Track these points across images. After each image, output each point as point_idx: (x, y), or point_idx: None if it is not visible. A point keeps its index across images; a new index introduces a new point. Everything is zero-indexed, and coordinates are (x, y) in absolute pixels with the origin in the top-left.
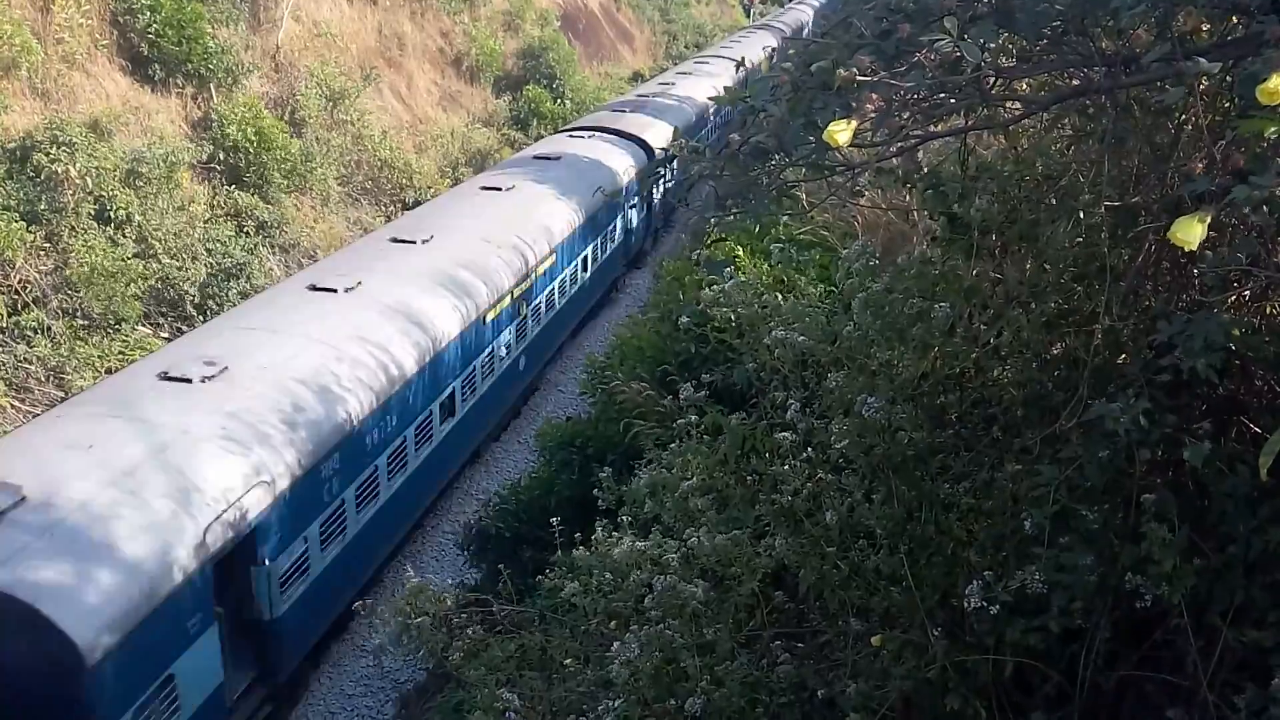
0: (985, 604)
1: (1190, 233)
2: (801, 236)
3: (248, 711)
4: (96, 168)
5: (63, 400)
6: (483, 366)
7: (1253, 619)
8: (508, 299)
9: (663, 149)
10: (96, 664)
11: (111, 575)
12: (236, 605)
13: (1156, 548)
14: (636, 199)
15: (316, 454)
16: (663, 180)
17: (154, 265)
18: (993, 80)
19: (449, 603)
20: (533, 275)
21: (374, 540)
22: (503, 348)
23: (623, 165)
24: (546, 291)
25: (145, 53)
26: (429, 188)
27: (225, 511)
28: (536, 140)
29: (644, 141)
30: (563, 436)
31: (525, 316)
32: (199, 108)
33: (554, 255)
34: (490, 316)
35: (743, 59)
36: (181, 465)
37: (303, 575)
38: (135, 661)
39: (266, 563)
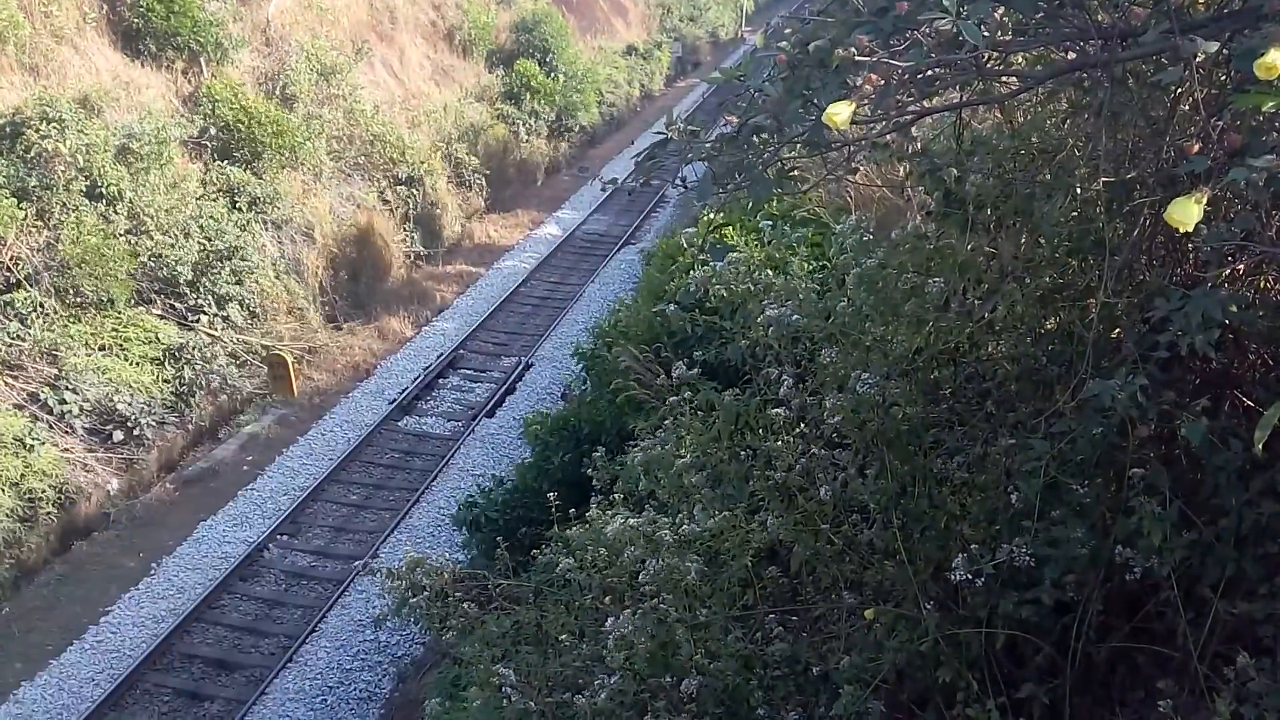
0: (974, 577)
1: (1186, 213)
2: (795, 213)
3: None
4: (87, 144)
5: (56, 378)
6: None
7: (1244, 591)
8: None
9: (659, 132)
10: None
11: None
12: None
13: (1146, 521)
14: None
15: None
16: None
17: (146, 242)
18: (989, 55)
19: (446, 577)
20: None
21: None
22: None
23: None
24: None
25: (135, 26)
26: (422, 163)
27: None
28: (531, 116)
29: None
30: (552, 425)
31: None
32: (189, 82)
33: None
34: None
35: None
36: None
37: None
38: None
39: None
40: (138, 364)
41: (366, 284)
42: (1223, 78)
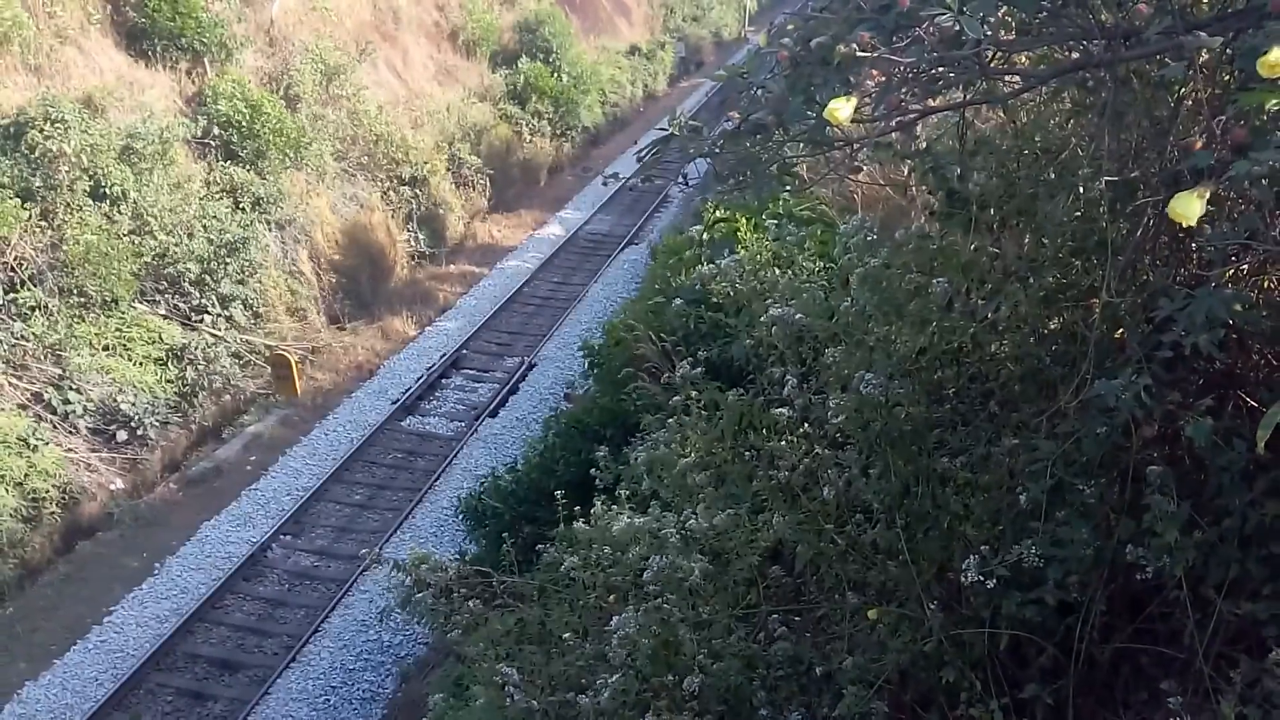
0: (981, 578)
1: (1189, 208)
2: (800, 212)
3: None
4: (91, 145)
5: (60, 377)
6: None
7: (1248, 591)
8: None
9: (662, 129)
10: None
11: None
12: None
13: (1159, 520)
14: None
15: None
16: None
17: (150, 242)
18: (992, 54)
19: (450, 573)
20: None
21: None
22: None
23: None
24: None
25: (139, 26)
26: (425, 163)
27: None
28: (534, 116)
29: None
30: (564, 426)
31: None
32: (193, 82)
33: None
34: None
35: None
36: None
37: None
38: None
39: None
40: (141, 364)
41: (369, 284)
42: (1226, 76)
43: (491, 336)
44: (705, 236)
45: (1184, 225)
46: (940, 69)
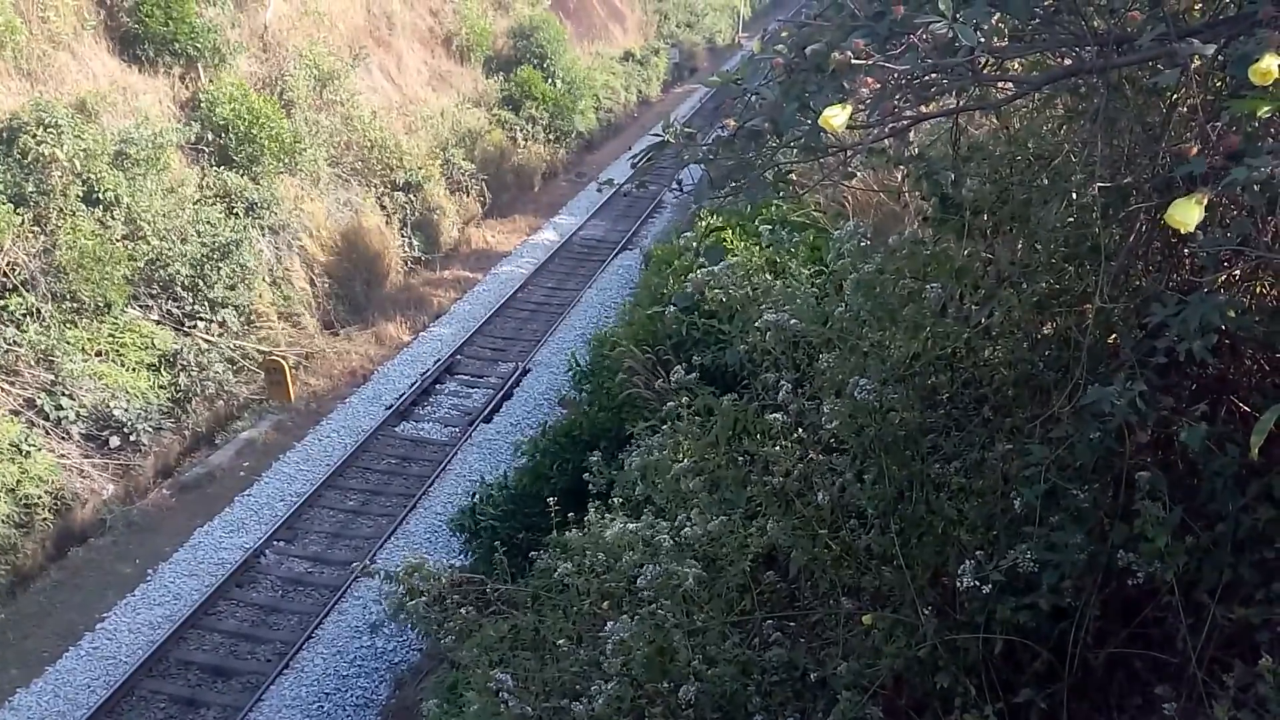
0: (976, 583)
1: (1188, 215)
2: (794, 218)
3: None
4: (84, 149)
5: (53, 383)
6: None
7: (1241, 596)
8: None
9: (656, 134)
10: None
11: None
12: None
13: (1150, 525)
14: None
15: None
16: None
17: (143, 247)
18: (985, 60)
19: (444, 581)
20: None
21: None
22: None
23: None
24: None
25: (132, 32)
26: (419, 168)
27: None
28: (528, 122)
29: None
30: (555, 434)
31: None
32: (187, 88)
33: None
34: None
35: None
36: None
37: None
38: None
39: None
40: (134, 369)
41: (364, 289)
42: (1218, 83)
43: (486, 342)
44: (699, 244)
45: (1177, 231)
46: (934, 75)
